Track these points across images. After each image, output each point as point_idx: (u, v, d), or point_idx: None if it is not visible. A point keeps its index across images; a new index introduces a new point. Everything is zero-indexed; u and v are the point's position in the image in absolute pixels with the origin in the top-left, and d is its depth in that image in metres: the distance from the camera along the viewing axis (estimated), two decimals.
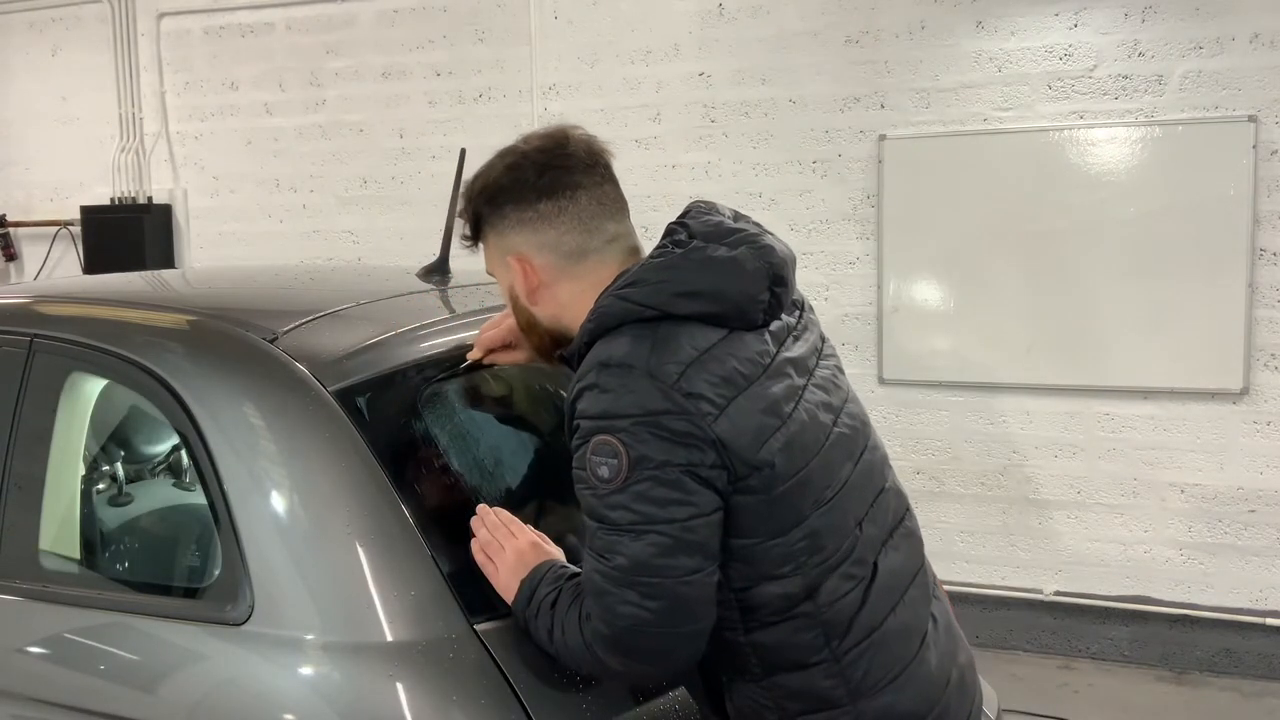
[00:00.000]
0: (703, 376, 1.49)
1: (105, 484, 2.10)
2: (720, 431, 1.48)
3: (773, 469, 1.51)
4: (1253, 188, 4.15)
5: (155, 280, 2.77)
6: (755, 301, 1.58)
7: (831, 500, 1.58)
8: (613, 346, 1.53)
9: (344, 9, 5.63)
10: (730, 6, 4.86)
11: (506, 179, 1.65)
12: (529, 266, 1.65)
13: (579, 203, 1.64)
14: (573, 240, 1.63)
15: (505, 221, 1.65)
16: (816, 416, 1.60)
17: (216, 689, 1.75)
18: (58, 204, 6.37)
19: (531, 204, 1.63)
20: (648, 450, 1.46)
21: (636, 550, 1.47)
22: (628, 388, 1.48)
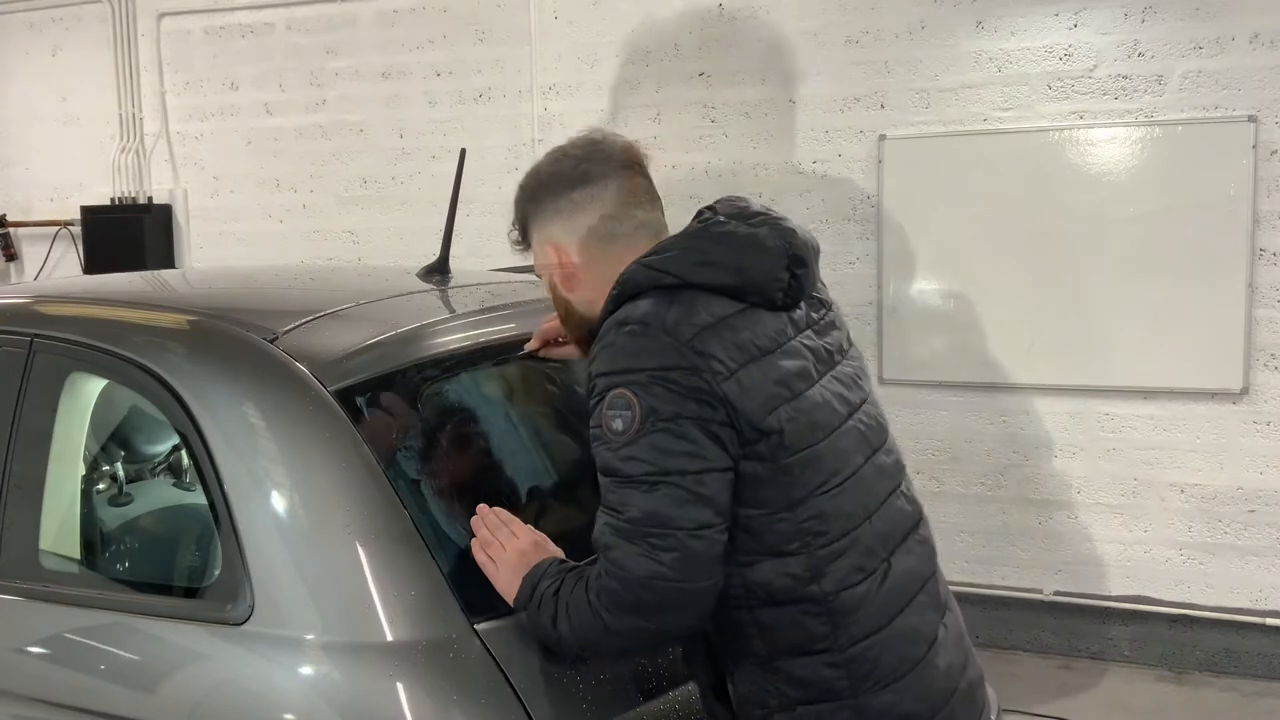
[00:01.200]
0: (716, 339, 1.56)
1: (105, 484, 2.10)
2: (729, 391, 1.53)
3: (780, 436, 1.55)
4: (1253, 188, 4.15)
5: (155, 280, 2.77)
6: (773, 279, 1.65)
7: (840, 485, 1.61)
8: (632, 308, 1.60)
9: (344, 9, 5.63)
10: (730, 6, 4.86)
11: (547, 174, 1.77)
12: (563, 253, 1.74)
13: (609, 191, 1.73)
14: (603, 226, 1.72)
15: (544, 213, 1.75)
16: (830, 404, 1.65)
17: (217, 689, 1.75)
18: (58, 204, 6.37)
19: (566, 193, 1.73)
20: (660, 403, 1.51)
21: (648, 502, 1.50)
22: (643, 344, 1.55)
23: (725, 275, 1.62)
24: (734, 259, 1.63)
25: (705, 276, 1.61)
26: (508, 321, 2.17)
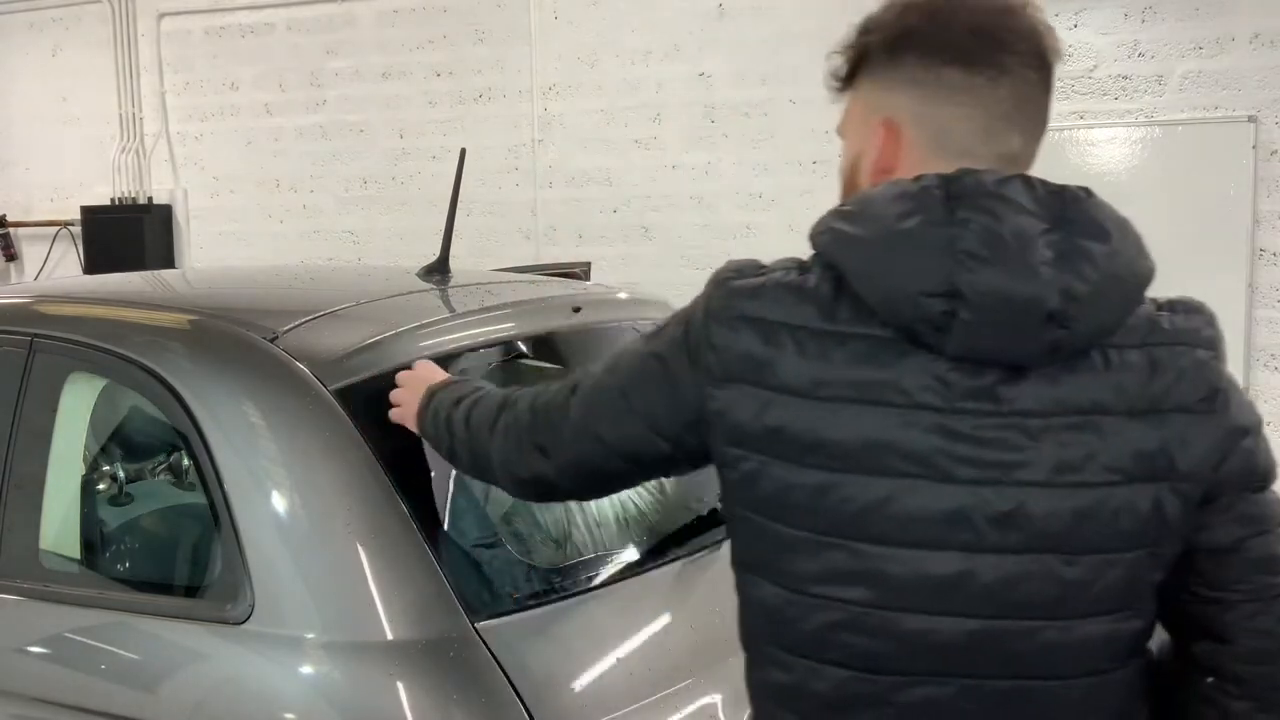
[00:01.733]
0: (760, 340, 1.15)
1: (105, 484, 2.10)
2: (713, 400, 1.19)
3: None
4: (1253, 188, 4.15)
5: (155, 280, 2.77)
6: (911, 301, 1.09)
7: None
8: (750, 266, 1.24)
9: (344, 9, 5.63)
10: (730, 6, 4.86)
11: (924, 22, 1.19)
12: (897, 141, 1.21)
13: (997, 90, 1.17)
14: (961, 135, 1.18)
15: (898, 75, 1.20)
16: (935, 518, 1.10)
17: (217, 688, 1.75)
18: (58, 204, 6.37)
19: (939, 66, 1.17)
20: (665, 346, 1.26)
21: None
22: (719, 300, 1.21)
23: (858, 267, 1.14)
24: (879, 248, 1.12)
25: (841, 256, 1.16)
26: (508, 321, 2.16)
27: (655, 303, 2.61)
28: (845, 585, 1.12)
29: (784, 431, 1.13)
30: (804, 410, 1.12)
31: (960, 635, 1.11)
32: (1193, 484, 1.12)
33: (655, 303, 2.61)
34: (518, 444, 1.42)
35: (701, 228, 5.00)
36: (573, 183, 5.26)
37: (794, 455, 1.13)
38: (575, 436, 1.35)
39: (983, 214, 1.09)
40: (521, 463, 1.42)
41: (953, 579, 1.10)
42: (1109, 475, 1.10)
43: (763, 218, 4.89)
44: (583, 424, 1.34)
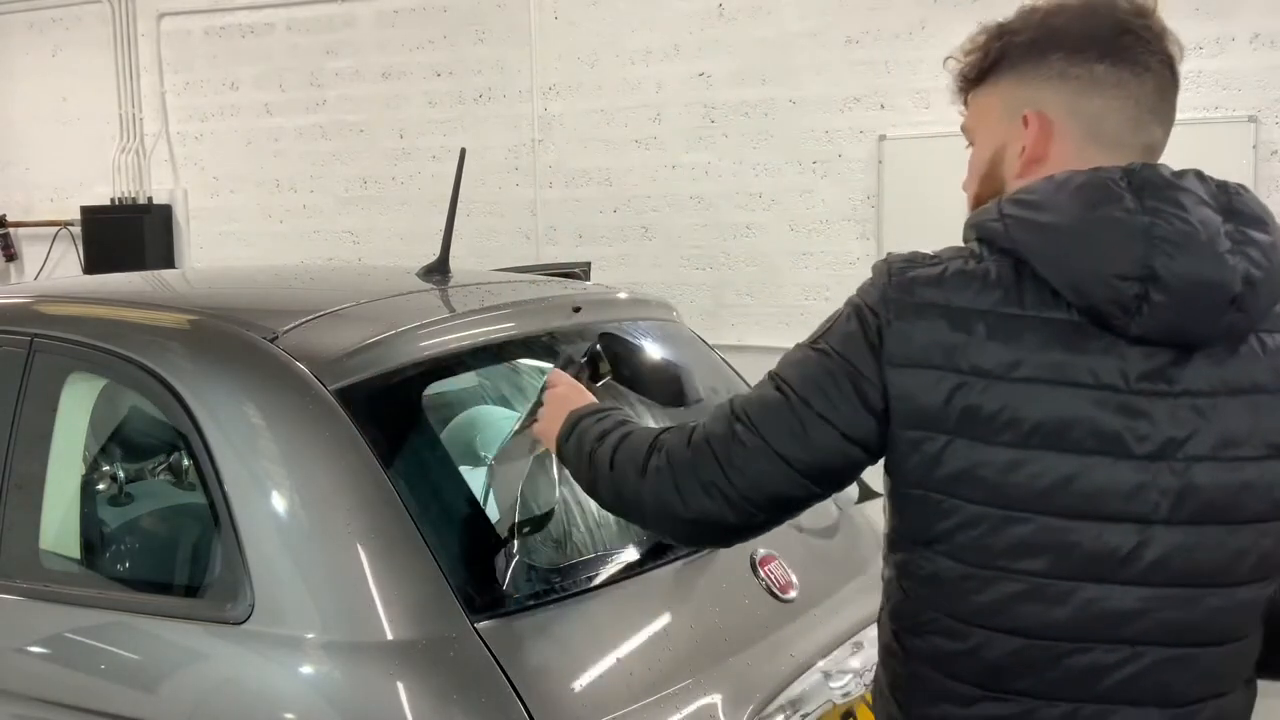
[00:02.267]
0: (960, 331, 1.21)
1: (105, 484, 2.10)
2: (891, 382, 1.24)
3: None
4: (1253, 188, 4.14)
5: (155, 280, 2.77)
6: (1105, 284, 1.17)
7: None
8: (937, 265, 1.27)
9: (344, 9, 5.63)
10: (730, 6, 4.86)
11: (1076, 22, 1.29)
12: (1046, 133, 1.29)
13: (1144, 86, 1.29)
14: (1114, 126, 1.28)
15: (1043, 70, 1.29)
16: (1108, 493, 1.18)
17: (217, 688, 1.75)
18: (58, 204, 6.37)
19: (1089, 62, 1.27)
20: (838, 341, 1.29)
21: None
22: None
23: (1049, 253, 1.20)
24: (1072, 235, 1.19)
25: (1029, 244, 1.21)
26: (508, 321, 2.16)
27: (655, 303, 2.61)
28: (1029, 557, 1.20)
29: (977, 411, 1.19)
30: (998, 391, 1.19)
31: (1133, 603, 1.19)
32: None
33: (655, 303, 2.61)
34: (675, 485, 1.36)
35: (701, 228, 5.00)
36: (573, 183, 5.26)
37: (984, 434, 1.19)
38: (750, 462, 1.30)
39: (1170, 205, 1.19)
40: (683, 504, 1.35)
41: (1129, 550, 1.18)
42: (1268, 450, 1.20)
43: (763, 218, 4.89)
44: (760, 448, 1.30)
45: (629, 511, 1.47)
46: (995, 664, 1.23)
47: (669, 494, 1.36)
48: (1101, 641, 1.20)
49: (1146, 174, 1.23)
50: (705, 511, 1.34)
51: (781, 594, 1.99)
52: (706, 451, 1.34)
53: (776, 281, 4.87)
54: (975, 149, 1.41)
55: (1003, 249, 1.24)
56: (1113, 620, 1.19)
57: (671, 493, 1.36)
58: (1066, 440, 1.18)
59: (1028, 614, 1.20)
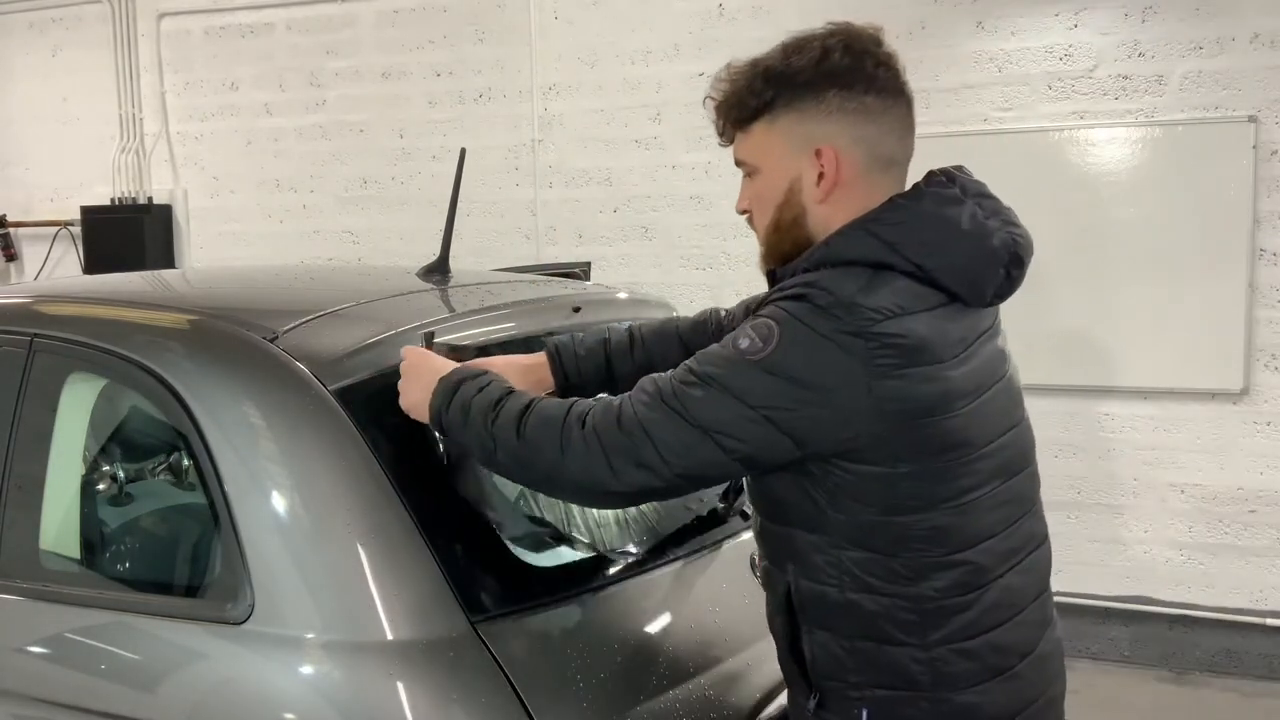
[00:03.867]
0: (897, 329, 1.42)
1: (105, 484, 2.10)
2: (883, 389, 1.41)
3: (920, 445, 1.44)
4: (1253, 188, 4.15)
5: (155, 280, 2.77)
6: (991, 278, 1.51)
7: (969, 502, 1.49)
8: (828, 279, 1.45)
9: (344, 9, 5.63)
10: (730, 6, 4.86)
11: (842, 62, 1.51)
12: (839, 161, 1.51)
13: (900, 107, 1.54)
14: (889, 145, 1.54)
15: (821, 106, 1.51)
16: (989, 419, 1.52)
17: (217, 688, 1.75)
18: (58, 204, 6.38)
19: (860, 95, 1.51)
20: (790, 359, 1.42)
21: (685, 434, 1.45)
22: (819, 333, 1.42)
23: (947, 265, 1.47)
24: (962, 250, 1.48)
25: (931, 261, 1.46)
26: (507, 321, 2.16)
27: (655, 303, 2.61)
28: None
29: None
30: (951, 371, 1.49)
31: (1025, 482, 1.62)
32: None
33: (655, 303, 2.61)
34: (608, 461, 1.46)
35: (701, 228, 4.99)
36: (573, 183, 5.26)
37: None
38: (689, 449, 1.45)
39: (991, 198, 1.58)
40: (614, 478, 1.47)
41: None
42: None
43: None
44: (698, 435, 1.44)
45: (539, 480, 1.57)
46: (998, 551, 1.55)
47: (599, 469, 1.47)
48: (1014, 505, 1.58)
49: (963, 181, 1.56)
50: (644, 485, 1.48)
51: None
52: (641, 434, 1.45)
53: None
54: (761, 180, 1.59)
55: (885, 266, 1.46)
56: (1018, 497, 1.59)
57: (603, 469, 1.47)
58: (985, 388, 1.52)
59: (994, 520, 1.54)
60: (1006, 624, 1.54)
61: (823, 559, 1.51)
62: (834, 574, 1.51)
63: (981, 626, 1.52)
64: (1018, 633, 1.57)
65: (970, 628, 1.51)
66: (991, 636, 1.53)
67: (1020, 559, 1.58)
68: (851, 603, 1.51)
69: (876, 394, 1.40)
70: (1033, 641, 1.60)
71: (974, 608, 1.51)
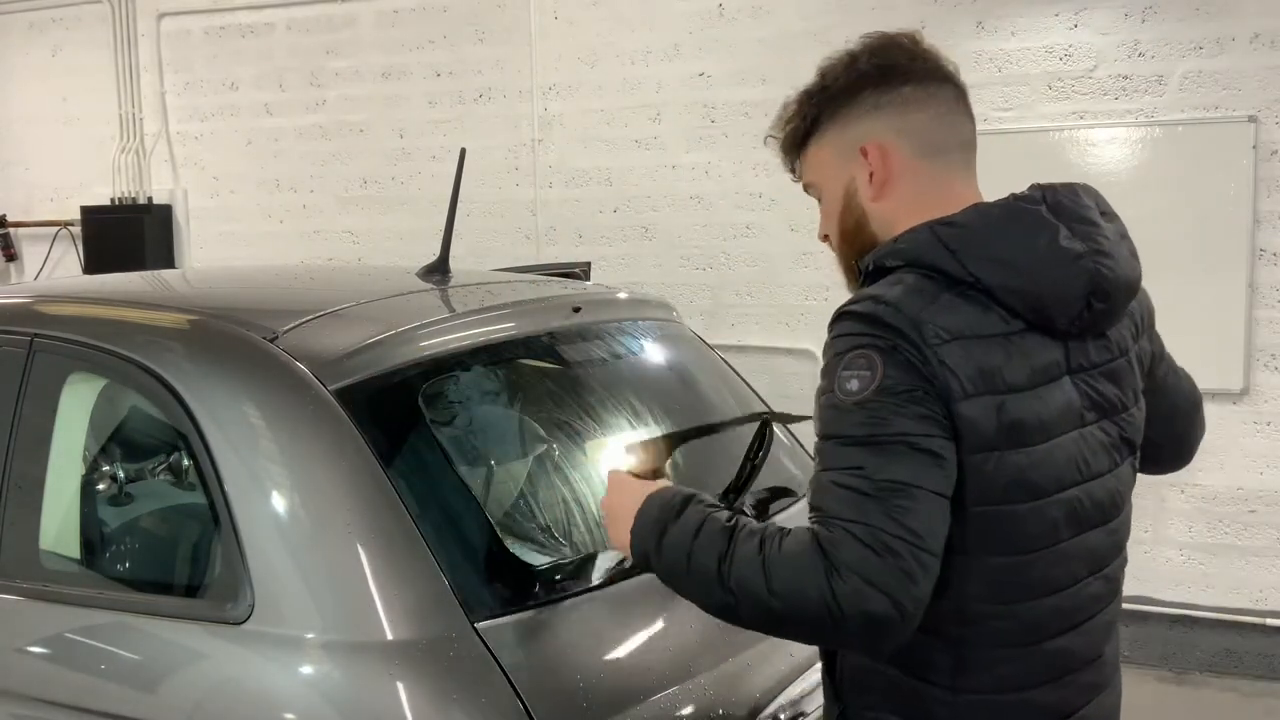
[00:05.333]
0: (964, 355, 1.35)
1: (105, 484, 2.10)
2: (961, 412, 1.33)
3: (980, 483, 1.35)
4: (1253, 188, 4.15)
5: (155, 280, 2.77)
6: (1065, 306, 1.41)
7: (1028, 556, 1.41)
8: (888, 289, 1.39)
9: (344, 9, 5.63)
10: (730, 6, 4.86)
11: (870, 63, 1.52)
12: (885, 155, 1.49)
13: (944, 92, 1.52)
14: (936, 132, 1.50)
15: (859, 108, 1.51)
16: (1066, 465, 1.42)
17: (217, 688, 1.75)
18: (58, 204, 6.37)
19: (896, 87, 1.50)
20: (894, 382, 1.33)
21: (880, 459, 1.32)
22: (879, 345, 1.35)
23: (1013, 284, 1.39)
24: (1028, 271, 1.39)
25: (991, 277, 1.38)
26: (507, 321, 2.16)
27: (655, 303, 2.61)
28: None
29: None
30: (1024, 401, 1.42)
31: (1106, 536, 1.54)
32: None
33: (655, 303, 2.61)
34: (875, 581, 1.26)
35: (701, 228, 4.99)
36: (573, 183, 5.26)
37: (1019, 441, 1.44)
38: (918, 510, 1.30)
39: (1089, 224, 1.49)
40: (893, 598, 1.26)
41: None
42: (1135, 397, 1.57)
43: (763, 218, 4.88)
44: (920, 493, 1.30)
45: (798, 629, 1.35)
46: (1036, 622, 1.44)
47: (879, 595, 1.26)
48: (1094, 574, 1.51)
49: (1060, 200, 1.47)
50: (919, 596, 1.29)
51: None
52: (884, 532, 1.28)
53: (776, 281, 4.87)
54: (826, 198, 1.58)
55: (943, 272, 1.40)
56: (1089, 554, 1.50)
57: (879, 592, 1.26)
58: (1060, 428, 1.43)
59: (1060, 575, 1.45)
60: (1049, 685, 1.46)
61: None
62: None
63: (1021, 684, 1.44)
64: (1060, 694, 1.48)
65: (1008, 682, 1.43)
66: (1030, 695, 1.45)
67: (1081, 621, 1.49)
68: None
69: (954, 418, 1.33)
70: (1075, 705, 1.50)
71: (1017, 663, 1.43)
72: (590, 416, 2.18)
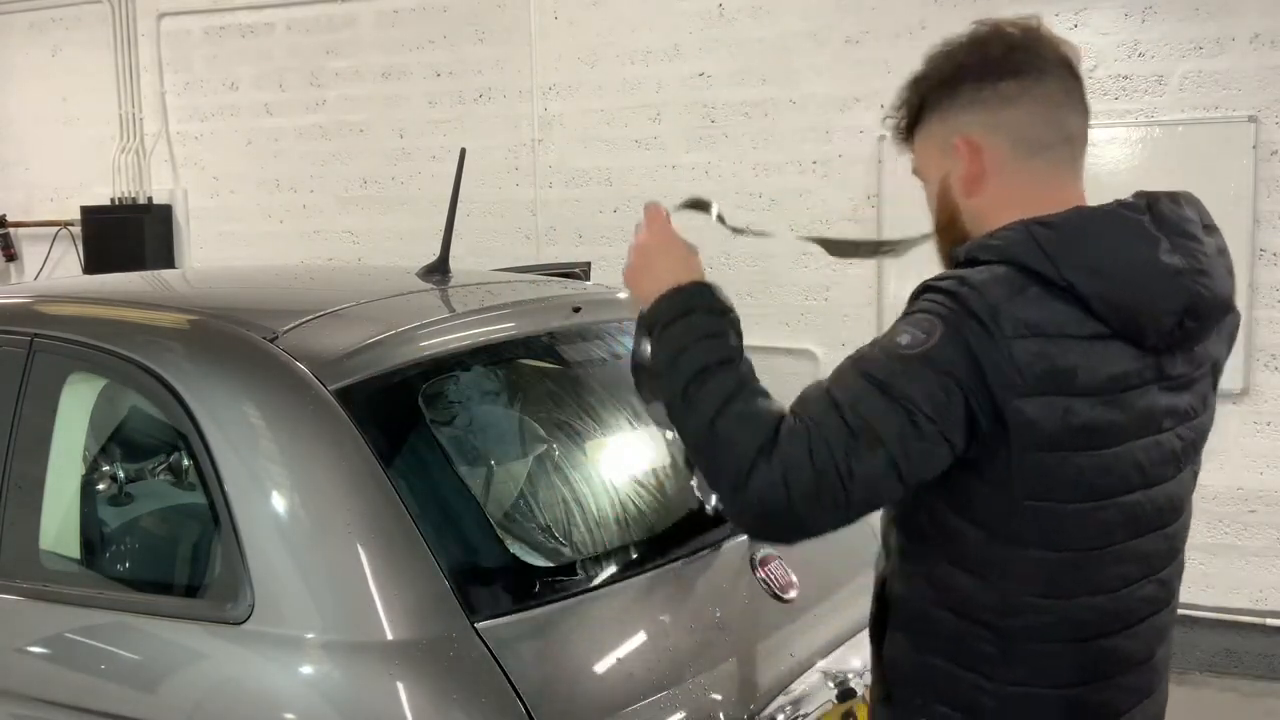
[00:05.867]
0: (1038, 353, 1.34)
1: (105, 484, 2.10)
2: (1015, 408, 1.33)
3: (1043, 481, 1.37)
4: (1253, 188, 4.15)
5: (155, 280, 2.77)
6: (1155, 322, 1.38)
7: (1083, 553, 1.42)
8: (975, 275, 1.38)
9: (344, 9, 5.63)
10: (730, 6, 4.86)
11: (969, 55, 1.51)
12: (977, 151, 1.48)
13: (1045, 86, 1.47)
14: (1034, 128, 1.47)
15: (957, 101, 1.50)
16: (1130, 470, 1.42)
17: (217, 688, 1.75)
18: (58, 204, 6.37)
19: (992, 82, 1.47)
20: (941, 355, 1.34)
21: (876, 407, 1.33)
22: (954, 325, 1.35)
23: (1107, 295, 1.36)
24: (1121, 281, 1.37)
25: (1086, 285, 1.36)
26: (507, 321, 2.17)
27: None
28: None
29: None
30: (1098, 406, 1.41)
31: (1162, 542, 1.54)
32: None
33: None
34: (784, 474, 1.31)
35: (702, 228, 4.99)
36: (573, 183, 5.26)
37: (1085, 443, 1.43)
38: (870, 480, 1.32)
39: (1190, 239, 1.44)
40: (789, 504, 1.31)
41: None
42: (1207, 410, 1.57)
43: (763, 218, 4.88)
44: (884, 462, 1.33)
45: (705, 467, 1.40)
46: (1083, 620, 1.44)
47: (774, 501, 1.32)
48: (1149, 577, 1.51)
49: (1163, 211, 1.43)
50: (804, 520, 1.34)
51: (781, 594, 1.99)
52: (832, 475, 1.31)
53: (776, 281, 4.86)
54: (927, 189, 1.59)
55: (1036, 272, 1.37)
56: (1144, 558, 1.49)
57: (779, 500, 1.32)
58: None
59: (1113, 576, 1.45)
60: (1096, 684, 1.46)
61: (915, 568, 1.48)
62: (923, 585, 1.47)
63: (1065, 681, 1.44)
64: (1105, 695, 1.47)
65: (1052, 679, 1.44)
66: (1074, 693, 1.45)
67: (1132, 623, 1.48)
68: (935, 617, 1.46)
69: (1006, 412, 1.33)
70: (1121, 706, 1.50)
71: (1062, 660, 1.43)
72: (590, 416, 2.18)
